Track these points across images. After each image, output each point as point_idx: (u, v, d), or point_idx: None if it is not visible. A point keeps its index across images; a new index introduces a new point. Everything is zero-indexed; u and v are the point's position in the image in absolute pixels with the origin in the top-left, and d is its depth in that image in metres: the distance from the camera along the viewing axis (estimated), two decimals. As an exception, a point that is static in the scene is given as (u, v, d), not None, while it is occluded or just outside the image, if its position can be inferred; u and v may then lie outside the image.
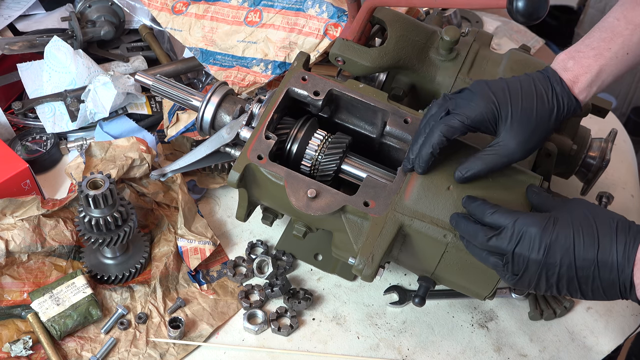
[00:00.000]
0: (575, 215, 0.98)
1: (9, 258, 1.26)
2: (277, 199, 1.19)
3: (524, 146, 1.05)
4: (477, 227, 1.03)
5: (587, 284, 0.98)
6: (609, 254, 0.95)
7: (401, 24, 1.27)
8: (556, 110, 1.06)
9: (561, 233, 0.96)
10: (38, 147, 1.50)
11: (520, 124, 1.05)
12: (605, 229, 0.96)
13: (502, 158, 1.06)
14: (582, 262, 0.96)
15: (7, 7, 1.73)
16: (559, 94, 1.06)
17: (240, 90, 1.44)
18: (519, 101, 1.05)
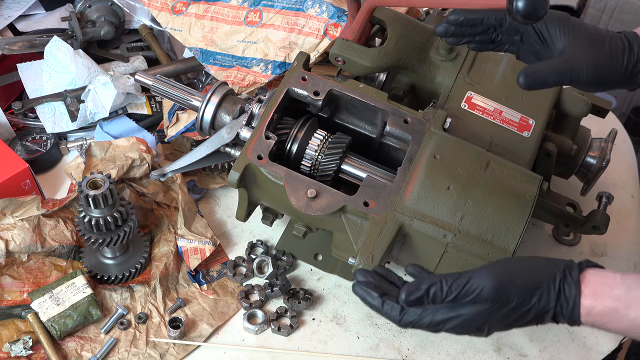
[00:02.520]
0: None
1: (9, 258, 1.26)
2: (277, 199, 1.19)
3: (593, 68, 1.01)
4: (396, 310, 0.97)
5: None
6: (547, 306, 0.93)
7: (401, 24, 1.28)
8: (628, 52, 1.03)
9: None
10: (38, 147, 1.50)
11: (590, 45, 1.02)
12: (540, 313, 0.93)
13: (572, 71, 1.01)
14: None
15: (7, 7, 1.73)
16: (631, 41, 1.04)
17: (240, 90, 1.44)
18: (592, 28, 1.04)
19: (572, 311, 0.92)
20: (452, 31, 1.12)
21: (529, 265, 0.95)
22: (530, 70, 1.02)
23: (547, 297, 0.92)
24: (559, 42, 1.05)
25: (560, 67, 1.02)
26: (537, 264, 0.95)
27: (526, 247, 1.38)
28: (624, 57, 1.04)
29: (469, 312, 0.93)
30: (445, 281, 0.93)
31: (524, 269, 0.95)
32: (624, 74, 1.05)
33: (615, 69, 1.04)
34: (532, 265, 0.95)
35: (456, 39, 1.14)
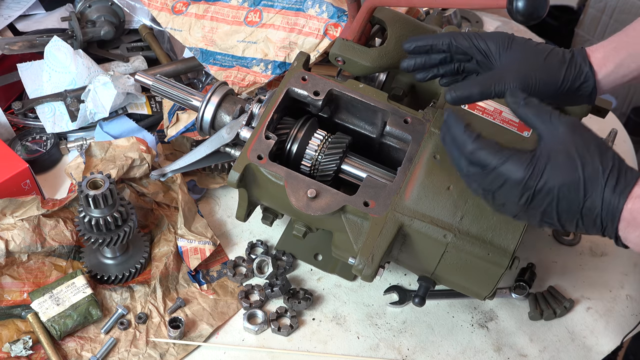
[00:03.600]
0: (564, 159, 0.92)
1: (9, 258, 1.26)
2: (277, 199, 1.19)
3: (523, 80, 1.02)
4: (465, 136, 0.96)
5: (569, 227, 0.95)
6: (594, 209, 0.91)
7: (401, 24, 1.27)
8: (567, 65, 1.04)
9: (546, 185, 0.92)
10: (38, 147, 1.50)
11: (525, 57, 1.04)
12: (594, 180, 0.91)
13: (498, 85, 1.02)
14: (565, 213, 0.93)
15: (7, 7, 1.73)
16: (575, 55, 1.05)
17: (240, 90, 1.44)
18: (532, 44, 1.05)
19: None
20: (413, 65, 1.14)
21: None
22: (455, 86, 1.04)
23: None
24: (499, 59, 1.08)
25: (485, 81, 1.03)
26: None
27: (526, 247, 1.38)
28: (562, 69, 1.04)
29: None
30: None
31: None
32: (562, 86, 1.05)
33: (550, 80, 1.04)
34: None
35: (423, 73, 1.15)
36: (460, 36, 1.09)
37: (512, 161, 0.93)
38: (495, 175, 0.94)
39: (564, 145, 0.93)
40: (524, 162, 0.92)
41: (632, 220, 0.90)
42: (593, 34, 2.58)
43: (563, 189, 0.91)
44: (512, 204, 0.95)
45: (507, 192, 0.94)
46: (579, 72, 1.05)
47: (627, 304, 1.35)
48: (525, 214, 0.96)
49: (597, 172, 0.91)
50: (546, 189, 0.92)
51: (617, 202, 0.90)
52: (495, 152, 0.94)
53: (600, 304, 1.35)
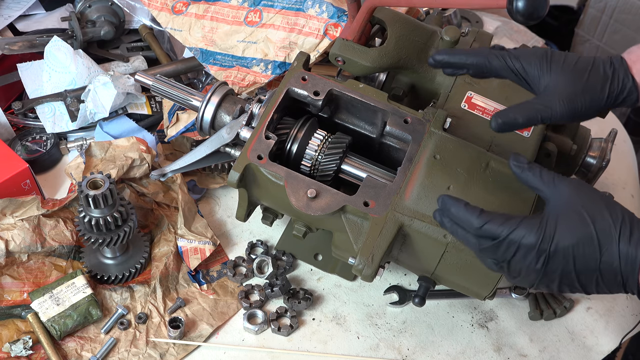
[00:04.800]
0: (573, 217, 0.93)
1: (9, 258, 1.26)
2: (277, 199, 1.19)
3: (569, 104, 1.00)
4: (469, 215, 0.96)
5: (590, 287, 0.94)
6: (612, 263, 0.91)
7: (401, 24, 1.27)
8: (610, 82, 1.01)
9: (560, 245, 0.92)
10: (38, 147, 1.50)
11: (568, 81, 1.01)
12: (607, 234, 0.91)
13: (544, 111, 1.01)
14: (584, 272, 0.92)
15: (7, 7, 1.73)
16: (617, 68, 1.02)
17: (240, 90, 1.44)
18: (572, 61, 1.02)
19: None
20: (442, 66, 1.11)
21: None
22: (501, 114, 1.03)
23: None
24: (539, 81, 1.04)
25: (531, 109, 1.02)
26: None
27: (526, 247, 1.38)
28: (605, 88, 1.02)
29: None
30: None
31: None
32: (606, 103, 1.03)
33: (594, 102, 1.02)
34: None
35: (451, 71, 1.13)
36: (494, 56, 1.05)
37: (522, 227, 0.93)
38: (508, 244, 0.94)
39: (572, 204, 0.93)
40: (534, 226, 0.93)
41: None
42: (593, 34, 2.58)
43: (578, 247, 0.91)
44: (529, 271, 0.95)
45: (522, 259, 0.94)
46: (622, 88, 1.02)
47: (627, 304, 1.35)
48: (544, 279, 0.95)
49: (608, 225, 0.91)
50: (561, 249, 0.92)
51: (634, 253, 0.90)
52: (503, 222, 0.94)
53: (600, 304, 1.34)
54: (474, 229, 0.96)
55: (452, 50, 1.09)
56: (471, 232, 0.97)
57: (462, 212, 0.97)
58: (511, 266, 0.96)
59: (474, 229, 0.96)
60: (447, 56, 1.08)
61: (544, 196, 0.98)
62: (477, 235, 0.96)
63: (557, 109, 1.01)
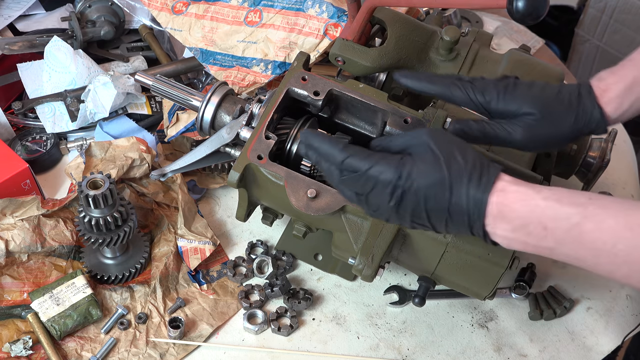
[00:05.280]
0: (429, 158, 0.94)
1: (9, 258, 1.26)
2: (277, 199, 1.19)
3: (529, 131, 1.00)
4: (333, 148, 0.98)
5: (440, 226, 0.96)
6: (460, 205, 0.92)
7: (401, 24, 1.27)
8: (576, 114, 1.00)
9: (414, 184, 0.93)
10: (38, 147, 1.50)
11: (531, 110, 1.00)
12: (458, 177, 0.92)
13: (501, 131, 1.01)
14: (434, 212, 0.94)
15: (7, 7, 1.73)
16: (584, 99, 1.01)
17: (240, 90, 1.44)
18: (537, 91, 1.01)
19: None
20: (409, 87, 1.11)
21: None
22: (460, 120, 1.04)
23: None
24: (502, 113, 1.03)
25: (490, 126, 1.02)
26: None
27: (526, 247, 1.38)
28: (571, 118, 1.01)
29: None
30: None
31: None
32: (572, 134, 1.02)
33: (559, 132, 1.01)
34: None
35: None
36: (457, 88, 1.04)
37: (382, 164, 0.95)
38: (366, 178, 0.96)
39: (429, 147, 0.95)
40: (392, 164, 0.95)
41: (498, 213, 0.91)
42: (593, 34, 2.58)
43: (430, 188, 0.93)
44: (384, 207, 0.97)
45: (378, 194, 0.96)
46: (589, 120, 1.01)
47: (627, 304, 1.35)
48: (397, 216, 0.97)
49: (460, 169, 0.92)
50: (414, 188, 0.93)
51: (481, 197, 0.91)
52: (365, 157, 0.96)
53: (600, 304, 1.34)
54: (337, 162, 0.97)
55: (417, 75, 1.08)
56: (334, 165, 0.98)
57: (325, 146, 0.99)
58: (369, 200, 0.98)
59: (337, 163, 0.97)
60: (411, 81, 1.08)
61: (405, 143, 0.99)
62: (339, 169, 0.98)
63: (516, 135, 1.01)
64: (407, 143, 0.98)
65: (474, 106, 1.05)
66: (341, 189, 1.01)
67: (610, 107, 1.01)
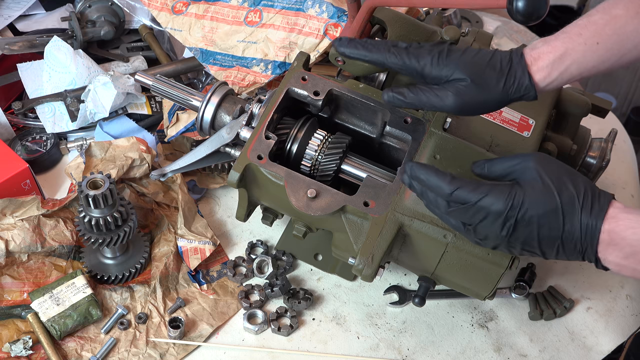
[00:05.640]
0: (540, 188, 0.95)
1: (9, 258, 1.26)
2: (277, 199, 1.19)
3: (459, 96, 1.00)
4: (440, 180, 0.98)
5: (550, 254, 0.98)
6: (573, 233, 0.94)
7: (401, 24, 1.27)
8: (505, 79, 1.01)
9: (527, 214, 0.95)
10: (38, 147, 1.50)
11: (462, 75, 1.00)
12: (570, 205, 0.94)
13: (434, 97, 1.01)
14: (546, 240, 0.96)
15: (7, 7, 1.73)
16: (514, 65, 1.01)
17: (240, 90, 1.44)
18: (469, 56, 1.02)
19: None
20: (352, 56, 1.10)
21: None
22: (394, 88, 1.04)
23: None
24: (437, 79, 1.04)
25: (423, 92, 1.03)
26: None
27: (526, 247, 1.38)
28: (500, 83, 1.01)
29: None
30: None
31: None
32: (502, 99, 1.03)
33: (488, 96, 1.02)
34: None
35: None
36: (392, 54, 1.05)
37: (492, 195, 0.96)
38: (476, 209, 0.97)
39: (539, 175, 0.96)
40: (503, 194, 0.96)
41: (610, 241, 0.93)
42: (593, 34, 2.57)
43: (543, 217, 0.95)
44: (494, 236, 0.98)
45: (488, 225, 0.97)
46: (519, 85, 1.02)
47: (627, 304, 1.35)
48: (507, 245, 0.99)
49: (572, 197, 0.94)
50: (527, 218, 0.95)
51: (594, 225, 0.93)
52: (473, 188, 0.97)
53: (600, 304, 1.35)
54: (445, 194, 0.98)
55: (354, 42, 1.07)
56: (441, 196, 0.99)
57: (433, 178, 0.99)
58: (477, 230, 0.99)
59: (445, 195, 0.98)
60: (348, 50, 1.07)
61: (512, 171, 1.00)
62: (446, 201, 0.99)
63: (447, 100, 1.01)
64: (511, 169, 1.00)
65: (409, 72, 1.05)
66: (447, 219, 1.02)
67: (539, 75, 1.02)
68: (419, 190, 1.02)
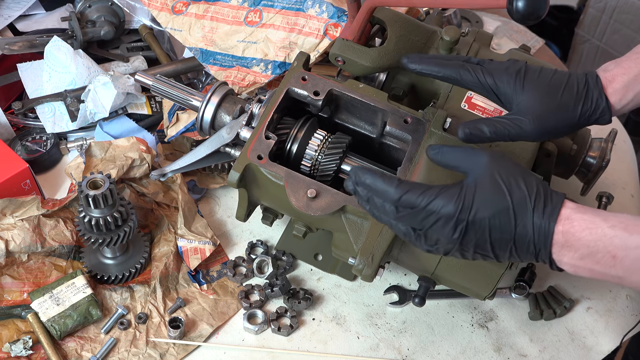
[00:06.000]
0: (491, 187, 0.93)
1: (9, 258, 1.26)
2: (277, 199, 1.19)
3: (539, 123, 1.00)
4: (387, 185, 0.95)
5: (503, 256, 0.95)
6: (526, 234, 0.92)
7: (401, 24, 1.27)
8: (583, 102, 1.01)
9: (477, 215, 0.92)
10: (38, 147, 1.50)
11: (540, 99, 1.00)
12: (522, 206, 0.92)
13: (513, 127, 1.00)
14: (498, 242, 0.93)
15: (7, 7, 1.73)
16: (591, 88, 1.01)
17: (240, 90, 1.44)
18: (546, 78, 1.01)
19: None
20: (419, 71, 1.09)
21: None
22: (469, 124, 1.02)
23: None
24: (511, 99, 1.03)
25: (500, 125, 1.01)
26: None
27: (526, 247, 1.38)
28: (578, 108, 1.02)
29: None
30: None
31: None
32: (578, 123, 1.03)
33: (566, 121, 1.02)
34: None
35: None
36: (466, 71, 1.04)
37: (441, 197, 0.93)
38: (426, 213, 0.94)
39: (489, 174, 0.94)
40: (453, 196, 0.93)
41: (565, 242, 0.91)
42: (593, 34, 2.58)
43: (495, 218, 0.92)
44: (446, 240, 0.95)
45: (439, 229, 0.94)
46: (595, 108, 1.02)
47: (627, 304, 1.35)
48: (459, 249, 0.96)
49: (524, 197, 0.92)
50: (478, 219, 0.92)
51: (547, 226, 0.91)
52: (422, 191, 0.94)
53: (600, 304, 1.35)
54: (393, 199, 0.95)
55: (426, 60, 1.07)
56: (389, 202, 0.96)
57: (379, 183, 0.96)
58: (428, 235, 0.96)
59: (393, 200, 0.95)
60: (420, 66, 1.07)
61: (464, 169, 0.98)
62: (394, 206, 0.95)
63: (526, 128, 1.01)
64: (463, 159, 0.98)
65: (483, 89, 1.04)
66: (395, 225, 0.98)
67: (614, 97, 1.02)
68: (364, 196, 0.98)
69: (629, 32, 2.46)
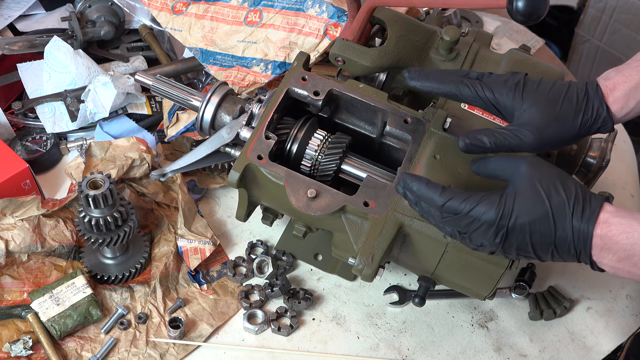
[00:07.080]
0: (530, 194, 0.95)
1: (9, 258, 1.26)
2: (277, 199, 1.19)
3: (538, 134, 1.01)
4: (432, 192, 0.99)
5: (546, 257, 0.99)
6: (565, 238, 0.94)
7: (401, 24, 1.27)
8: (583, 113, 1.02)
9: (517, 221, 0.95)
10: (38, 147, 1.50)
11: (539, 111, 1.01)
12: (561, 211, 0.94)
13: (513, 138, 1.01)
14: (539, 245, 0.96)
15: (7, 7, 1.73)
16: (591, 98, 1.02)
17: (240, 90, 1.44)
18: (545, 90, 1.02)
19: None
20: (420, 87, 1.09)
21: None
22: (470, 135, 1.04)
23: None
24: (511, 111, 1.04)
25: (500, 136, 1.02)
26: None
27: (526, 247, 1.38)
28: (578, 118, 1.02)
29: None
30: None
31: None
32: (579, 133, 1.03)
33: (567, 131, 1.02)
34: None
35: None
36: (465, 86, 1.05)
37: (483, 204, 0.96)
38: (469, 219, 0.98)
39: (529, 181, 0.96)
40: (493, 203, 0.96)
41: (603, 245, 0.94)
42: (593, 34, 2.58)
43: (534, 223, 0.95)
44: (489, 243, 0.99)
45: (482, 233, 0.98)
46: (596, 117, 1.02)
47: (627, 304, 1.35)
48: (502, 251, 0.99)
49: (563, 202, 0.94)
50: (518, 226, 0.96)
51: (586, 230, 0.94)
52: (464, 199, 0.97)
53: (600, 304, 1.35)
54: (437, 206, 0.99)
55: (425, 74, 1.08)
56: (434, 207, 1.00)
57: (424, 190, 1.00)
58: (472, 238, 1.00)
59: (437, 206, 0.99)
60: (420, 83, 1.08)
61: (505, 177, 1.01)
62: (439, 211, 1.00)
63: (526, 139, 1.02)
64: (503, 168, 1.01)
65: (483, 103, 1.05)
66: (443, 227, 1.02)
67: (616, 106, 1.02)
68: (413, 201, 1.03)
69: (629, 32, 2.46)
